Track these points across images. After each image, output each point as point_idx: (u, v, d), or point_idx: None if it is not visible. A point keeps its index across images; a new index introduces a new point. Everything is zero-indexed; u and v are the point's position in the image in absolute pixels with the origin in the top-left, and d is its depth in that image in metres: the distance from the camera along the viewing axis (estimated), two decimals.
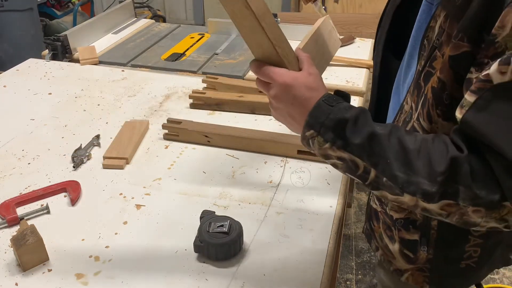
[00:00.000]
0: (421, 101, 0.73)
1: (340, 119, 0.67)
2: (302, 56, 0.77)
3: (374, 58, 1.02)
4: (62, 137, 1.32)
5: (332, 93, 0.75)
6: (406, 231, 0.86)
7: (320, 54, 0.95)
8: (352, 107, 0.70)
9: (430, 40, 0.74)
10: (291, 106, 0.73)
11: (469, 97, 0.62)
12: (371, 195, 0.98)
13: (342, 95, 0.75)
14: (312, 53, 0.84)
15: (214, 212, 0.98)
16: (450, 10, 0.69)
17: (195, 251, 0.91)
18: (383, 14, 0.97)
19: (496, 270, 1.89)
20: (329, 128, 0.68)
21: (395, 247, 0.90)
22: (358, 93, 1.57)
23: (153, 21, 2.30)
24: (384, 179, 0.66)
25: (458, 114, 0.64)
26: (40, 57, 1.87)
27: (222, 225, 0.92)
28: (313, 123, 0.69)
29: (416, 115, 0.75)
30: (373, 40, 1.04)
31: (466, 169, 0.62)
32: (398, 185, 0.65)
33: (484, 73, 0.60)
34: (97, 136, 1.31)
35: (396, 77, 0.95)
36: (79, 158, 1.20)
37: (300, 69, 0.76)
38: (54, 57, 1.84)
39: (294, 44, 0.80)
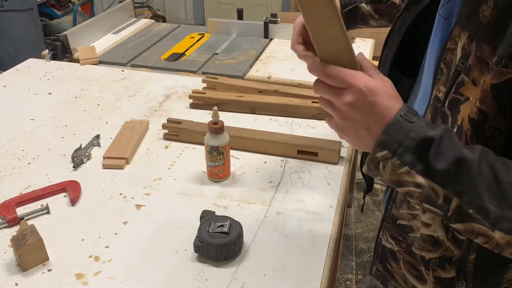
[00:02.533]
0: (455, 131, 0.65)
1: (423, 139, 0.58)
2: (366, 63, 0.65)
3: (381, 61, 0.94)
4: (62, 137, 1.32)
5: None
6: (442, 270, 0.78)
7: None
8: (435, 124, 0.61)
9: (450, 63, 0.67)
10: (369, 115, 0.61)
11: None
12: (381, 234, 0.88)
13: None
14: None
15: (214, 212, 0.98)
16: (475, 30, 0.62)
17: (195, 251, 0.91)
18: (391, 31, 0.89)
19: None
20: (409, 149, 0.58)
21: (427, 287, 0.83)
22: None
23: (153, 21, 2.30)
24: (471, 210, 0.57)
25: None
26: (40, 57, 1.87)
27: (222, 225, 0.92)
28: (389, 142, 0.59)
29: None
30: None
31: None
32: (489, 219, 0.57)
33: None
34: (97, 136, 1.31)
35: (409, 97, 0.88)
36: (79, 158, 1.20)
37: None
38: (54, 57, 1.84)
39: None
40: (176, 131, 1.30)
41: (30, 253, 0.89)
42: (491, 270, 0.77)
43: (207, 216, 0.95)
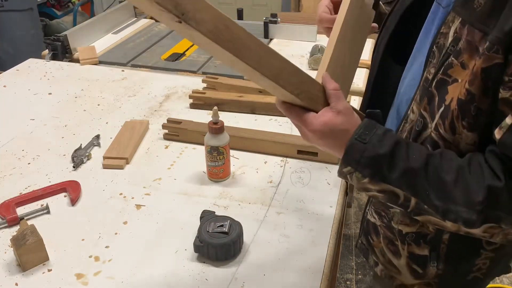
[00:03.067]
0: (441, 111, 0.71)
1: (374, 157, 0.69)
2: (328, 91, 0.74)
3: (373, 57, 0.99)
4: (62, 137, 1.32)
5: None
6: (416, 246, 0.84)
7: (349, 51, 0.85)
8: (386, 138, 0.70)
9: (442, 46, 0.72)
10: (325, 146, 0.75)
11: (509, 120, 0.62)
12: (367, 208, 0.95)
13: (374, 115, 0.77)
14: (340, 56, 0.78)
15: (214, 212, 0.98)
16: (467, 16, 0.67)
17: (195, 251, 0.91)
18: (389, 14, 0.94)
19: None
20: (365, 165, 0.69)
21: (401, 262, 0.88)
22: (358, 93, 1.57)
23: (153, 21, 2.30)
24: (425, 206, 0.68)
25: (497, 135, 0.64)
26: (40, 57, 1.87)
27: (222, 225, 0.92)
28: (349, 160, 0.71)
29: (434, 125, 0.73)
30: (374, 41, 1.02)
31: (505, 198, 0.63)
32: (438, 213, 0.67)
33: None
34: (97, 136, 1.31)
35: (399, 84, 0.92)
36: (79, 158, 1.20)
37: (328, 104, 0.74)
38: (54, 57, 1.84)
39: (294, 44, 0.79)
40: (176, 131, 1.30)
41: (30, 253, 0.89)
42: (463, 254, 0.82)
43: (207, 216, 0.95)
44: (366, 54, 1.85)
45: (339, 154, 0.73)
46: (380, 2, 1.05)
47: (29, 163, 1.21)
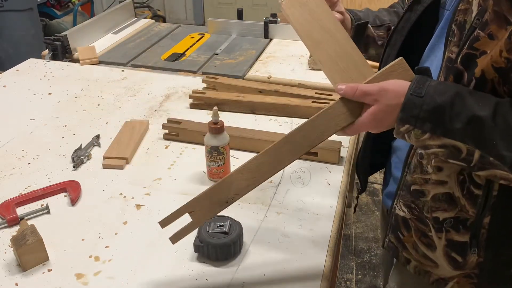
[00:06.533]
0: (472, 85, 0.70)
1: (435, 108, 0.67)
2: (352, 99, 0.74)
3: (383, 59, 0.96)
4: (62, 137, 1.32)
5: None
6: (456, 232, 0.81)
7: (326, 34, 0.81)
8: (445, 90, 0.68)
9: (462, 23, 0.72)
10: (385, 124, 0.73)
11: None
12: (395, 203, 0.91)
13: (424, 71, 0.73)
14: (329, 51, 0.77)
15: None
16: None
17: (195, 251, 0.91)
18: (393, 32, 0.93)
19: None
20: (425, 119, 0.67)
21: (437, 253, 0.85)
22: None
23: (153, 21, 2.30)
24: (491, 158, 0.66)
25: None
26: (40, 57, 1.87)
27: (222, 225, 0.92)
28: (407, 118, 0.69)
29: None
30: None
31: None
32: (506, 164, 0.65)
33: None
34: (97, 136, 1.31)
35: None
36: (79, 158, 1.20)
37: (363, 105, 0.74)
38: (54, 57, 1.85)
39: (294, 44, 0.79)
40: (176, 131, 1.30)
41: (30, 253, 0.89)
42: (505, 240, 0.79)
43: None
44: None
45: (394, 114, 0.70)
46: (369, 25, 1.04)
47: (29, 163, 1.21)
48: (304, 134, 0.76)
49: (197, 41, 2.04)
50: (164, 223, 0.82)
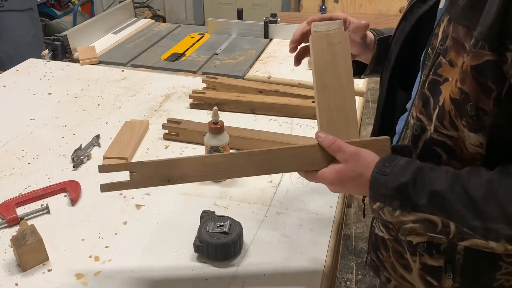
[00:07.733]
0: (436, 112, 0.69)
1: (399, 187, 0.68)
2: (327, 150, 0.75)
3: (380, 85, 0.94)
4: (62, 137, 1.32)
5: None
6: (429, 256, 0.80)
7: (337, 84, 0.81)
8: (407, 166, 0.69)
9: (434, 47, 0.71)
10: (351, 192, 0.78)
11: None
12: (374, 222, 0.91)
13: (402, 150, 0.75)
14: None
15: (214, 212, 0.98)
16: (453, 13, 0.66)
17: (195, 251, 0.91)
18: (390, 43, 0.91)
19: None
20: (392, 197, 0.68)
21: (413, 275, 0.84)
22: (358, 93, 1.57)
23: (153, 21, 2.30)
24: (465, 229, 0.64)
25: None
26: (40, 57, 1.87)
27: (222, 225, 0.92)
28: (376, 196, 0.70)
29: (433, 127, 0.70)
30: None
31: None
32: (478, 234, 0.63)
33: None
34: (97, 136, 1.31)
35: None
36: (79, 158, 1.20)
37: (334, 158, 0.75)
38: (54, 57, 1.85)
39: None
40: (176, 131, 1.30)
41: (30, 253, 0.89)
42: (481, 267, 0.77)
43: (207, 216, 0.95)
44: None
45: (367, 193, 0.72)
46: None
47: (29, 163, 1.21)
48: (267, 158, 0.76)
49: (197, 41, 2.04)
50: (105, 183, 0.81)
